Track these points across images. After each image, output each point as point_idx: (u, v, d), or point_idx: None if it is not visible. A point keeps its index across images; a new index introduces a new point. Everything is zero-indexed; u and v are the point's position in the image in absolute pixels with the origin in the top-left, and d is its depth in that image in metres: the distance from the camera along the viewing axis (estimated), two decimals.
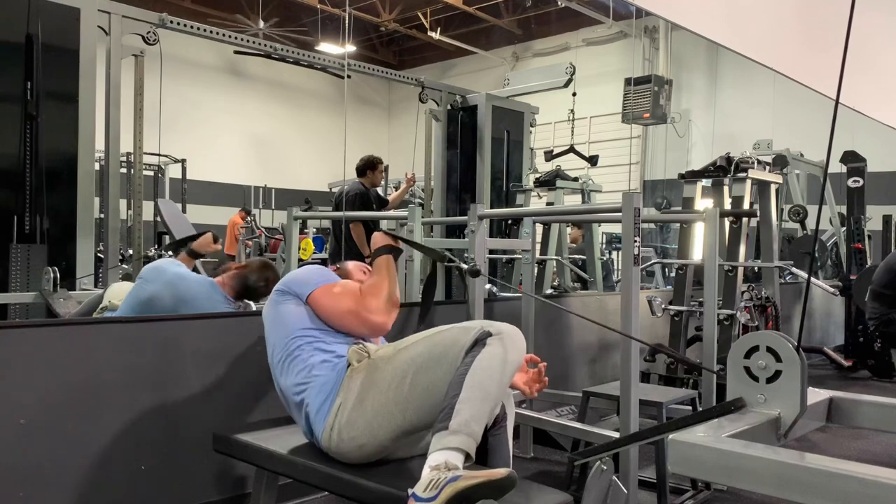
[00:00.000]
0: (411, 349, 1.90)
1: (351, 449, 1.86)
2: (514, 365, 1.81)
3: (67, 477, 2.37)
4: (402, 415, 1.83)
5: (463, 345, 1.80)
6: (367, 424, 1.84)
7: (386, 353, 1.94)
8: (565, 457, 3.55)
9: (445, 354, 1.81)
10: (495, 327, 1.82)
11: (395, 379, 1.85)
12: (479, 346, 1.78)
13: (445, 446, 1.64)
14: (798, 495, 1.26)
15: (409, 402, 1.83)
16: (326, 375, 1.94)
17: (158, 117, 5.85)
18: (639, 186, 12.92)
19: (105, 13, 4.48)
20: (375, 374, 1.89)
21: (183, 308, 2.83)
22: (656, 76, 11.01)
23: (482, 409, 1.71)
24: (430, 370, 1.82)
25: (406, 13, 13.99)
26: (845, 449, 3.93)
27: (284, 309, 2.08)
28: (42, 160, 4.04)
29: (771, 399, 1.57)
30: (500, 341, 1.79)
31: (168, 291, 2.85)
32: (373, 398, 1.85)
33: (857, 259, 6.62)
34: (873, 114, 3.44)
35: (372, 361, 1.92)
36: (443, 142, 7.07)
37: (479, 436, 1.70)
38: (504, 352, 1.78)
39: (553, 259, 6.65)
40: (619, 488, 1.75)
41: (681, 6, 2.50)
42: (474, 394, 1.71)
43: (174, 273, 2.94)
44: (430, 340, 1.89)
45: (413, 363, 1.85)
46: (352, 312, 2.04)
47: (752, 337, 1.63)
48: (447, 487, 1.54)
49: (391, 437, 1.85)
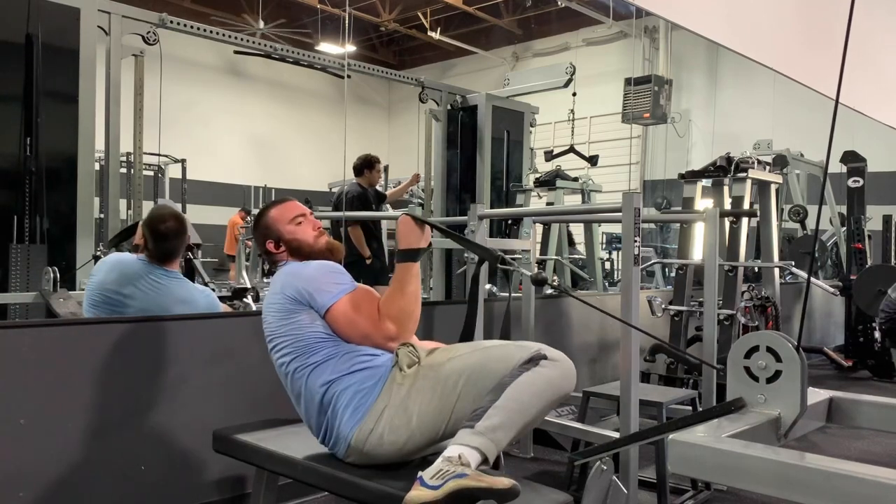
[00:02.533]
0: (463, 359, 1.85)
1: (390, 452, 1.83)
2: (560, 393, 1.78)
3: (67, 477, 2.37)
4: (444, 424, 1.81)
5: (517, 361, 1.77)
6: (409, 431, 1.81)
7: (436, 360, 1.89)
8: (565, 457, 3.55)
9: (497, 369, 1.78)
10: (551, 353, 1.80)
11: (446, 388, 1.82)
12: (531, 363, 1.76)
13: (466, 443, 1.64)
14: (798, 495, 1.26)
15: (454, 412, 1.80)
16: (363, 375, 1.88)
17: (158, 117, 5.85)
18: (639, 186, 12.92)
19: (105, 13, 4.48)
20: (424, 380, 1.85)
21: (128, 288, 2.75)
22: (656, 76, 11.02)
23: (514, 422, 1.69)
24: (480, 383, 1.79)
25: (406, 13, 13.99)
26: (845, 449, 3.93)
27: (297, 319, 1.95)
28: (42, 160, 4.04)
29: (771, 399, 1.57)
30: (554, 366, 1.78)
31: (110, 276, 2.79)
32: (419, 406, 1.82)
33: (858, 259, 6.62)
34: (873, 114, 3.44)
35: (421, 368, 1.87)
36: (443, 142, 7.07)
37: (503, 444, 1.68)
38: (554, 377, 1.76)
39: (553, 259, 6.66)
40: (619, 488, 1.75)
41: (681, 6, 2.50)
42: (511, 405, 1.69)
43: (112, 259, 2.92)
44: (484, 353, 1.85)
45: (463, 373, 1.82)
46: (368, 338, 1.94)
47: (752, 337, 1.62)
48: (451, 481, 1.54)
49: (429, 443, 1.84)
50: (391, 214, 5.73)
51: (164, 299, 2.75)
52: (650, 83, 10.66)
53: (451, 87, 7.30)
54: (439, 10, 13.47)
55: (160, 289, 2.76)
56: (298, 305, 1.95)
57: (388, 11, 13.91)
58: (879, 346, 6.13)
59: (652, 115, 10.72)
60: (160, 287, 2.76)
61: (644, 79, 10.87)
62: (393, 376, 1.88)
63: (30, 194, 4.02)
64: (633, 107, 10.85)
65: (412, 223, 2.02)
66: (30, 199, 4.02)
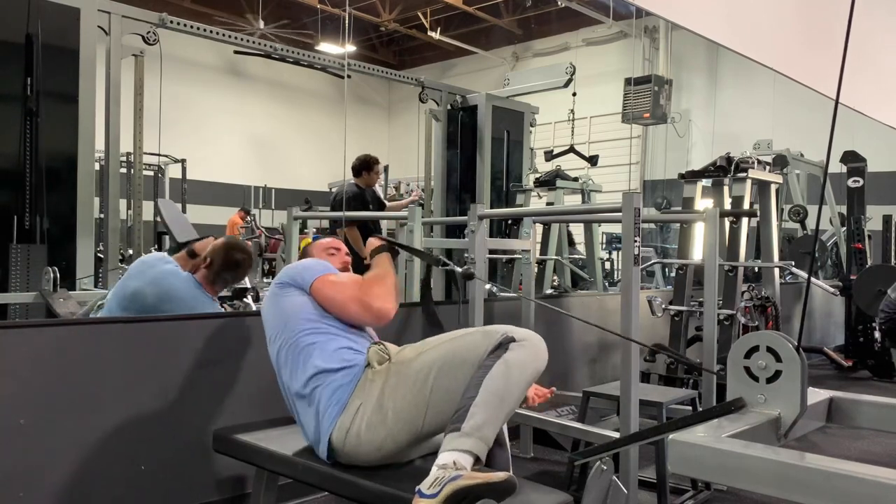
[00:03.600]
0: (432, 352, 1.87)
1: (369, 451, 1.84)
2: (534, 373, 1.80)
3: (67, 477, 2.37)
4: (421, 418, 1.82)
5: (485, 348, 1.79)
6: (387, 429, 1.82)
7: (406, 355, 1.91)
8: (565, 457, 3.55)
9: (467, 358, 1.80)
10: (518, 333, 1.81)
11: (417, 382, 1.83)
12: (500, 350, 1.77)
13: (456, 448, 1.64)
14: (798, 495, 1.26)
15: (430, 405, 1.81)
16: (342, 374, 1.91)
17: (158, 117, 5.85)
18: (639, 186, 12.93)
19: (105, 13, 4.48)
20: (396, 377, 1.86)
21: (167, 305, 2.78)
22: (656, 76, 11.01)
23: (497, 414, 1.70)
24: (451, 374, 1.80)
25: (406, 13, 13.99)
26: (845, 449, 3.93)
27: (287, 302, 2.06)
28: (42, 160, 4.04)
29: (771, 399, 1.57)
30: (523, 347, 1.78)
31: (152, 288, 2.80)
32: (393, 402, 1.83)
33: (858, 259, 6.62)
34: (873, 114, 3.43)
35: (392, 364, 1.90)
36: (443, 142, 7.07)
37: (491, 440, 1.69)
38: (525, 358, 1.77)
39: (553, 259, 6.66)
40: (619, 488, 1.75)
41: (681, 6, 2.50)
42: (490, 398, 1.70)
43: (159, 270, 2.88)
44: (452, 344, 1.87)
45: (434, 366, 1.83)
46: (355, 299, 2.02)
47: (752, 337, 1.62)
48: (448, 485, 1.55)
49: (409, 440, 1.85)
50: (391, 215, 5.72)
51: None
52: (650, 83, 10.66)
53: (451, 87, 7.30)
54: (439, 10, 13.47)
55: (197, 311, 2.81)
56: (289, 288, 2.09)
57: (388, 11, 13.91)
58: (879, 346, 6.13)
59: (652, 115, 10.72)
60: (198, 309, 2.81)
61: (644, 79, 10.87)
62: (365, 374, 1.90)
63: (30, 194, 4.02)
64: (633, 107, 10.85)
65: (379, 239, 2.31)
66: (30, 199, 4.02)
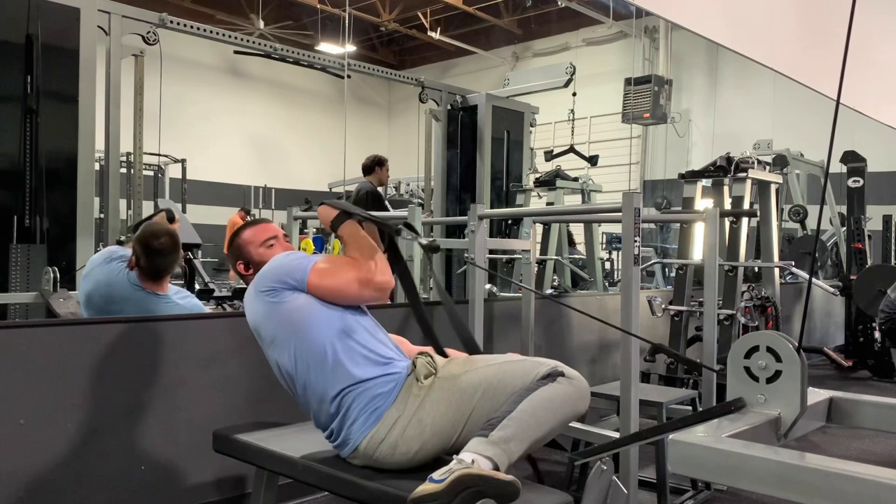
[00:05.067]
0: (480, 372, 1.85)
1: (400, 461, 1.83)
2: (574, 412, 1.79)
3: (67, 477, 2.37)
4: (457, 435, 1.81)
5: (535, 376, 1.79)
6: (422, 442, 1.82)
7: (453, 371, 1.89)
8: (565, 457, 3.54)
9: (513, 384, 1.79)
10: (569, 371, 1.81)
11: (462, 401, 1.82)
12: (548, 380, 1.77)
13: (479, 451, 1.65)
14: (798, 495, 1.26)
15: (468, 424, 1.80)
16: (381, 381, 1.87)
17: (158, 117, 5.86)
18: (639, 186, 12.93)
19: (105, 13, 4.48)
20: (439, 392, 1.85)
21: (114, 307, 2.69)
22: (656, 76, 11.02)
23: (528, 435, 1.70)
24: (495, 396, 1.79)
25: (406, 13, 13.99)
26: (845, 449, 3.93)
27: (289, 307, 1.93)
28: (42, 160, 4.03)
29: (771, 399, 1.57)
30: (571, 384, 1.79)
31: (97, 292, 2.74)
32: (433, 418, 1.82)
33: (858, 259, 6.61)
34: (873, 114, 3.43)
35: (437, 379, 1.87)
36: (443, 142, 7.07)
37: (514, 457, 1.68)
38: (570, 395, 1.78)
39: (553, 259, 6.66)
40: (619, 488, 1.75)
41: (681, 6, 2.49)
42: (526, 418, 1.70)
43: (102, 271, 2.78)
44: (501, 368, 1.85)
45: (480, 387, 1.82)
46: (357, 280, 1.94)
47: (752, 337, 1.63)
48: (457, 472, 1.57)
49: (440, 452, 1.85)
50: (391, 215, 5.72)
51: None
52: (650, 83, 10.66)
53: (451, 87, 7.30)
54: (439, 10, 13.47)
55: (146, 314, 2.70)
56: (280, 294, 1.95)
57: (388, 11, 13.92)
58: (879, 346, 6.13)
59: (652, 115, 10.73)
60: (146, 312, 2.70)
61: (644, 79, 10.87)
62: (409, 386, 1.87)
63: (30, 194, 4.02)
64: (633, 107, 10.86)
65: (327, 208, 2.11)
66: (30, 199, 4.02)
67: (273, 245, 2.17)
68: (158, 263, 2.72)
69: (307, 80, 14.89)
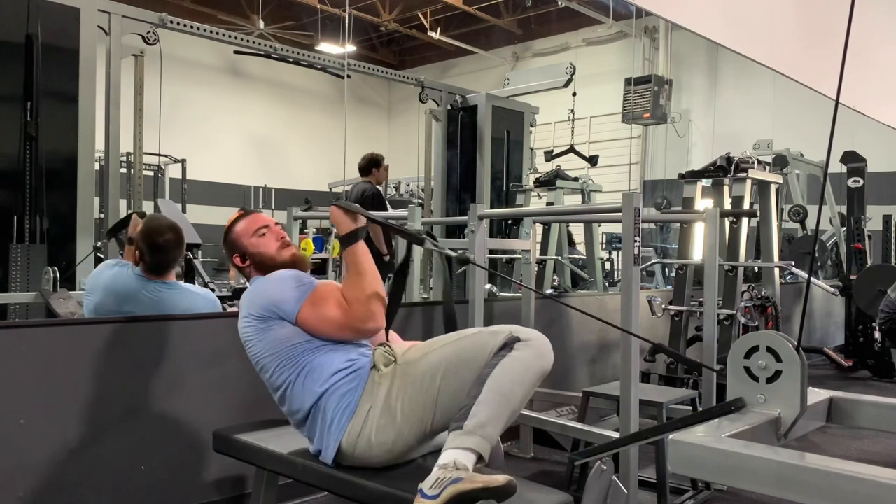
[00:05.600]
0: (438, 352, 1.87)
1: (380, 454, 1.84)
2: (539, 373, 1.79)
3: (67, 477, 2.37)
4: (430, 419, 1.82)
5: (491, 348, 1.78)
6: (396, 430, 1.82)
7: (412, 356, 1.91)
8: (565, 457, 3.55)
9: (473, 358, 1.80)
10: (524, 333, 1.81)
11: (424, 383, 1.83)
12: (506, 349, 1.77)
13: (458, 446, 1.65)
14: (798, 495, 1.26)
15: (437, 406, 1.81)
16: (347, 379, 1.90)
17: (158, 117, 5.85)
18: (639, 186, 12.92)
19: (105, 13, 4.48)
20: (402, 378, 1.86)
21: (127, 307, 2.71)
22: (656, 76, 11.01)
23: (500, 413, 1.70)
24: (458, 374, 1.80)
25: (406, 13, 13.99)
26: (845, 449, 3.93)
27: (276, 334, 1.97)
28: (42, 160, 4.04)
29: (771, 399, 1.57)
30: (528, 347, 1.78)
31: (107, 296, 2.75)
32: (401, 403, 1.83)
33: (858, 259, 6.62)
34: (873, 113, 3.43)
35: (398, 366, 1.89)
36: (443, 142, 7.07)
37: (494, 439, 1.69)
38: (531, 358, 1.77)
39: (553, 259, 6.66)
40: (619, 488, 1.75)
41: (681, 6, 2.50)
42: (494, 397, 1.70)
43: (107, 276, 2.81)
44: (458, 344, 1.87)
45: (440, 367, 1.83)
46: (344, 327, 1.95)
47: (752, 337, 1.62)
48: (449, 488, 1.55)
49: (419, 440, 1.85)
50: (391, 214, 5.71)
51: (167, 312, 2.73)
52: (650, 83, 10.65)
53: (451, 87, 7.30)
54: (439, 10, 13.47)
55: (160, 303, 2.73)
56: (268, 321, 1.98)
57: (388, 11, 13.91)
58: (879, 346, 6.13)
59: (652, 115, 10.72)
60: (160, 301, 2.73)
61: (644, 79, 10.87)
62: (372, 377, 1.89)
63: (30, 194, 4.02)
64: (633, 107, 10.85)
65: (340, 212, 2.04)
66: (30, 199, 4.02)
67: (265, 234, 2.19)
68: (163, 258, 2.76)
69: (307, 80, 14.87)
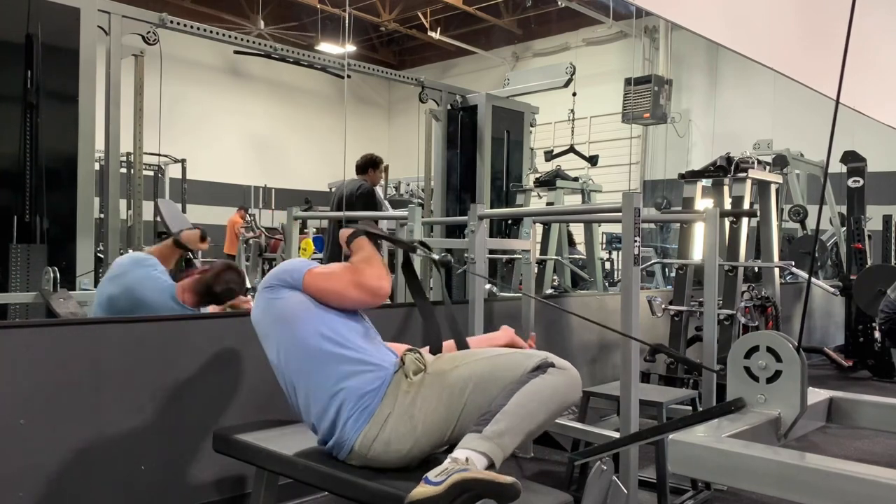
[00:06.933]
0: (470, 366, 1.86)
1: (395, 459, 1.84)
2: (565, 402, 1.81)
3: (67, 477, 2.37)
4: (449, 430, 1.82)
5: (525, 369, 1.80)
6: (415, 439, 1.82)
7: (442, 367, 1.89)
8: (565, 457, 3.55)
9: (503, 377, 1.80)
10: (559, 361, 1.83)
11: (452, 396, 1.83)
12: (539, 371, 1.79)
13: (473, 447, 1.65)
14: (798, 495, 1.26)
15: (460, 419, 1.81)
16: (368, 378, 1.88)
17: (158, 117, 5.85)
18: (639, 186, 12.93)
19: (105, 13, 4.48)
20: (430, 388, 1.85)
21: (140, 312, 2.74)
22: (656, 76, 11.02)
23: (521, 428, 1.71)
24: (487, 390, 1.80)
25: (406, 13, 13.99)
26: (845, 449, 3.93)
27: (283, 303, 1.99)
28: (42, 160, 4.03)
29: (771, 399, 1.57)
30: (562, 374, 1.80)
31: (125, 296, 2.77)
32: (424, 414, 1.82)
33: (858, 259, 6.61)
34: (873, 113, 3.43)
35: (427, 375, 1.87)
36: (443, 142, 7.06)
37: (509, 450, 1.69)
38: (561, 385, 1.79)
39: (553, 259, 6.66)
40: (619, 488, 1.75)
41: (681, 6, 2.50)
42: (519, 410, 1.71)
43: (134, 276, 2.83)
44: (491, 361, 1.87)
45: (470, 381, 1.83)
46: (351, 283, 1.99)
47: (752, 337, 1.63)
48: (454, 475, 1.56)
49: (434, 448, 1.86)
50: (391, 214, 5.71)
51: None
52: (650, 83, 10.66)
53: (451, 87, 7.30)
54: (439, 10, 13.47)
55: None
56: (280, 290, 2.03)
57: (388, 11, 13.91)
58: (879, 346, 6.13)
59: (652, 115, 10.73)
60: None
61: (644, 79, 10.87)
62: (398, 382, 1.87)
63: (30, 194, 4.02)
64: (633, 107, 10.85)
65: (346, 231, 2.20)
66: (30, 199, 4.02)
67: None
68: (214, 299, 2.88)
69: (307, 80, 14.88)
